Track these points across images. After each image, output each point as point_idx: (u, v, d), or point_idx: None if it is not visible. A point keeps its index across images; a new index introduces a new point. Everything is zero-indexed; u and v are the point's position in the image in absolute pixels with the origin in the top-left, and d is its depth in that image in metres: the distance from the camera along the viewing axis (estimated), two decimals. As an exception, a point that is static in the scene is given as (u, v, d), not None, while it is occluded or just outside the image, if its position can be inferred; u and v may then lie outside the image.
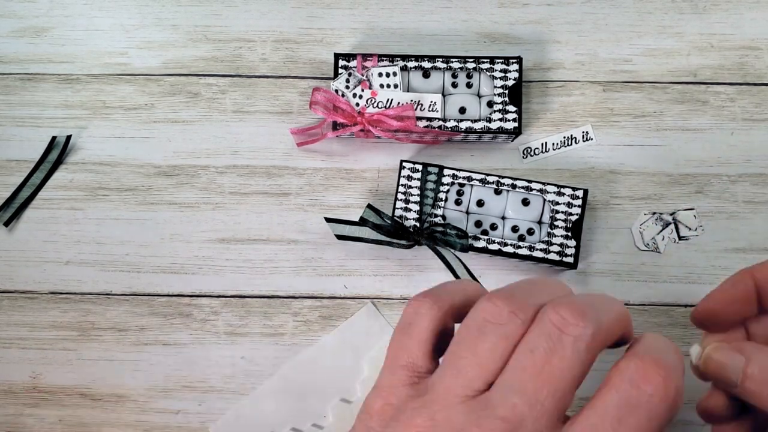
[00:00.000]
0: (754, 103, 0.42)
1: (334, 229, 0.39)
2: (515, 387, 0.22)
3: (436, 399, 0.24)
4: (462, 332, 0.24)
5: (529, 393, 0.22)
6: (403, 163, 0.39)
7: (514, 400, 0.22)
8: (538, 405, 0.22)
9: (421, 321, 0.25)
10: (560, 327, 0.22)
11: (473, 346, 0.23)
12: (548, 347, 0.22)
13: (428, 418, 0.23)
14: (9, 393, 0.39)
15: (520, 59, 0.40)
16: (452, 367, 0.24)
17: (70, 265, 0.41)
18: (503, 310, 0.23)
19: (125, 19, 0.44)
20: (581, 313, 0.22)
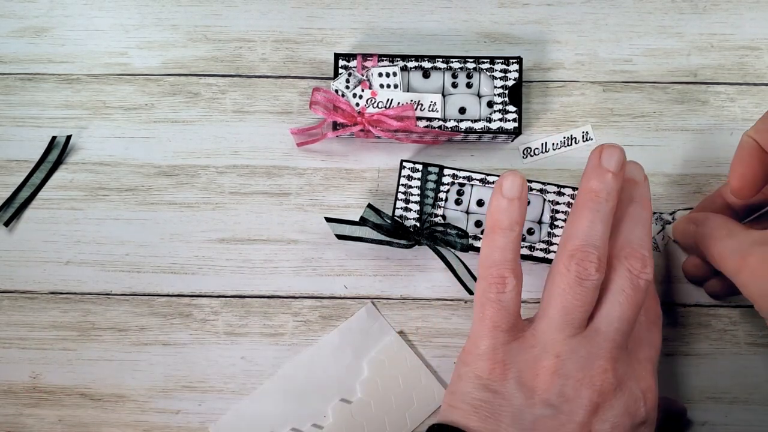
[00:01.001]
0: (754, 103, 0.42)
1: (334, 229, 0.39)
2: (618, 318, 0.31)
3: (552, 341, 0.31)
4: (559, 284, 0.31)
5: (626, 319, 0.31)
6: (403, 163, 0.39)
7: (615, 325, 0.31)
8: (627, 326, 0.31)
9: (514, 296, 0.31)
10: (637, 274, 0.31)
11: (575, 295, 0.30)
12: (633, 288, 0.31)
13: (553, 356, 0.30)
14: (9, 393, 0.39)
15: (520, 59, 0.40)
16: (558, 311, 0.31)
17: (70, 265, 0.41)
18: (592, 269, 0.30)
19: (125, 19, 0.44)
20: (646, 263, 0.31)
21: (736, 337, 0.39)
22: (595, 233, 0.31)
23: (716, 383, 0.39)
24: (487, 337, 0.31)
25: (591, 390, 0.30)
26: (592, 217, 0.31)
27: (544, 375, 0.30)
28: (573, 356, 0.30)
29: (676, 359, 0.39)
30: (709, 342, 0.40)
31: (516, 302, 0.32)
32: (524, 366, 0.30)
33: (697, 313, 0.40)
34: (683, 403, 0.38)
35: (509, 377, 0.30)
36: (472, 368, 0.31)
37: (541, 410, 0.29)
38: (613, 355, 0.30)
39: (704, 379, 0.39)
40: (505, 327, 0.31)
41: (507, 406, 0.30)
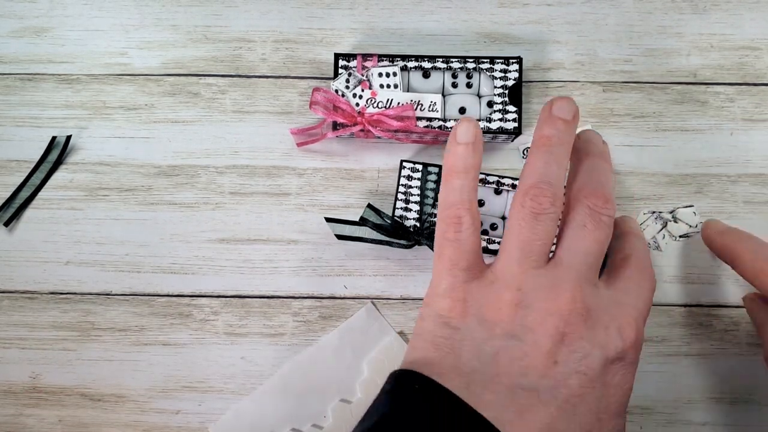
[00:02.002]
0: (754, 103, 0.42)
1: (334, 229, 0.39)
2: (579, 249, 0.30)
3: (512, 275, 0.30)
4: (516, 219, 0.30)
5: (588, 251, 0.30)
6: (403, 163, 0.39)
7: (579, 258, 0.30)
8: (593, 259, 0.30)
9: (470, 235, 0.31)
10: (598, 210, 0.30)
11: (532, 229, 0.30)
12: (595, 223, 0.30)
13: (515, 289, 0.29)
14: (9, 393, 0.39)
15: (520, 59, 0.40)
16: (517, 248, 0.30)
17: (70, 265, 0.41)
18: (546, 203, 0.30)
19: (125, 19, 0.44)
20: (607, 199, 0.31)
21: (737, 338, 0.39)
22: (550, 172, 0.31)
23: (717, 383, 0.39)
24: (447, 276, 0.31)
25: (557, 318, 0.29)
26: (546, 159, 0.31)
27: (506, 308, 0.29)
28: (536, 287, 0.29)
29: (677, 359, 0.39)
30: (710, 342, 0.40)
31: (473, 241, 0.31)
32: (485, 301, 0.30)
33: (697, 314, 0.40)
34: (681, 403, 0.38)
35: (470, 313, 0.30)
36: (433, 308, 0.31)
37: (503, 341, 0.29)
38: (580, 285, 0.29)
39: (705, 379, 0.39)
40: (464, 265, 0.31)
41: (468, 340, 0.29)
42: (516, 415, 0.27)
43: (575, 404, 0.28)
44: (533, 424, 0.27)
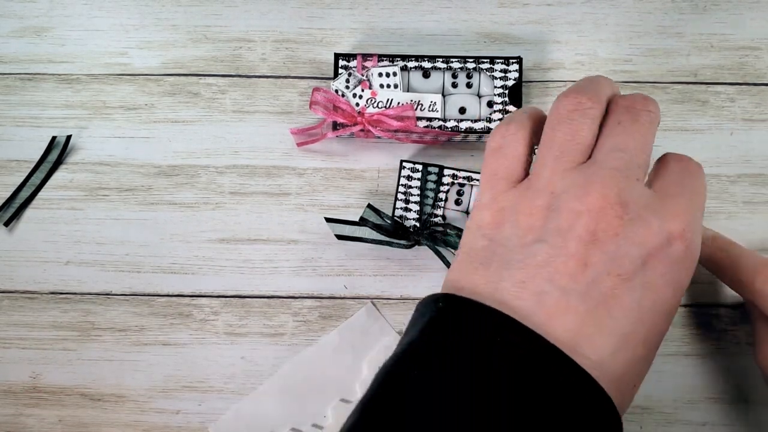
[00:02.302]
0: (754, 103, 0.42)
1: (334, 229, 0.39)
2: (616, 146, 0.28)
3: (545, 178, 0.28)
4: (551, 125, 0.29)
5: (627, 149, 0.28)
6: (403, 163, 0.39)
7: (618, 155, 0.27)
8: (634, 156, 0.28)
9: (512, 141, 0.30)
10: (636, 106, 0.29)
11: (567, 130, 0.28)
12: (631, 118, 0.28)
13: (548, 193, 0.28)
14: (9, 393, 0.39)
15: (520, 59, 0.40)
16: (551, 151, 0.28)
17: (70, 265, 0.41)
18: (584, 100, 0.28)
19: (125, 19, 0.44)
20: (646, 98, 0.29)
21: (737, 337, 0.39)
22: (588, 84, 0.30)
23: (716, 383, 0.39)
24: (487, 187, 0.30)
25: (587, 217, 0.26)
26: (581, 83, 0.31)
27: (538, 212, 0.28)
28: (568, 189, 0.27)
29: (677, 359, 0.39)
30: (710, 342, 0.40)
31: (517, 150, 0.30)
32: (520, 209, 0.28)
33: (697, 313, 0.40)
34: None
35: (506, 222, 0.28)
36: (475, 220, 0.30)
37: (532, 247, 0.27)
38: (614, 180, 0.27)
39: (704, 379, 0.39)
40: (504, 174, 0.30)
41: (500, 249, 0.28)
42: (545, 319, 0.25)
43: (610, 307, 0.26)
44: (560, 327, 0.25)
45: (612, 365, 0.26)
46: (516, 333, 0.25)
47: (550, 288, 0.26)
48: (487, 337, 0.25)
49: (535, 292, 0.26)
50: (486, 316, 0.26)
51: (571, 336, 0.25)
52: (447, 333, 0.26)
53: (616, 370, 0.26)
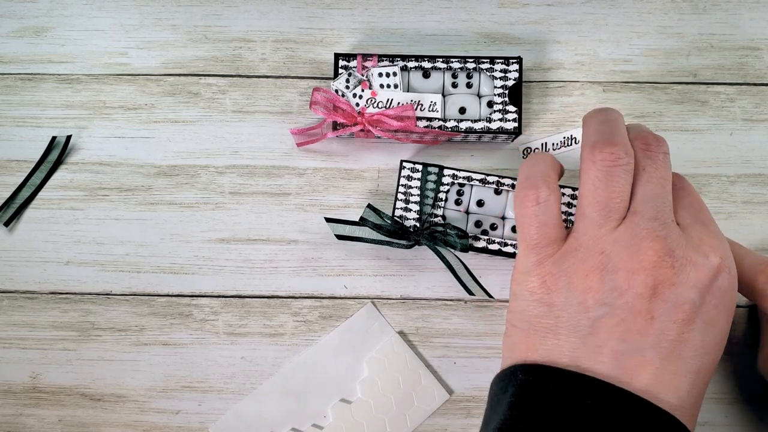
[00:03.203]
0: (754, 103, 0.42)
1: (334, 229, 0.39)
2: (648, 196, 0.30)
3: (594, 239, 0.30)
4: (591, 183, 0.30)
5: (658, 196, 0.30)
6: (403, 163, 0.39)
7: (652, 204, 0.30)
8: (665, 201, 0.30)
9: (548, 208, 0.31)
10: (652, 150, 0.31)
11: (608, 186, 0.30)
12: (654, 164, 0.31)
13: (598, 253, 0.29)
14: (9, 393, 0.39)
15: (520, 59, 0.40)
16: (594, 210, 0.30)
17: (70, 265, 0.41)
18: (620, 153, 0.30)
19: (125, 19, 0.44)
20: (658, 139, 0.32)
21: (737, 337, 0.39)
22: (613, 130, 0.31)
23: (716, 383, 0.39)
24: (530, 252, 0.31)
25: (644, 274, 0.28)
26: (603, 119, 0.32)
27: (593, 275, 0.29)
28: (617, 247, 0.29)
29: (676, 359, 0.39)
30: (709, 342, 0.40)
31: (552, 213, 0.31)
32: (572, 271, 0.30)
33: (697, 313, 0.40)
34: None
35: (560, 287, 0.30)
36: (523, 286, 0.31)
37: (597, 311, 0.29)
38: (657, 233, 0.29)
39: (704, 379, 0.39)
40: (546, 241, 0.31)
41: (563, 316, 0.29)
42: (626, 376, 0.28)
43: (680, 351, 0.28)
44: (642, 381, 0.27)
45: (689, 400, 0.28)
46: (604, 393, 0.27)
47: (625, 347, 0.28)
48: (579, 400, 0.27)
49: (612, 353, 0.28)
50: (571, 381, 0.28)
51: (652, 385, 0.28)
52: (540, 403, 0.28)
53: (693, 403, 0.28)
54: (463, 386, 0.39)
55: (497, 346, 0.40)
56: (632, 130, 0.33)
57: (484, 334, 0.40)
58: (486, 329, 0.40)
